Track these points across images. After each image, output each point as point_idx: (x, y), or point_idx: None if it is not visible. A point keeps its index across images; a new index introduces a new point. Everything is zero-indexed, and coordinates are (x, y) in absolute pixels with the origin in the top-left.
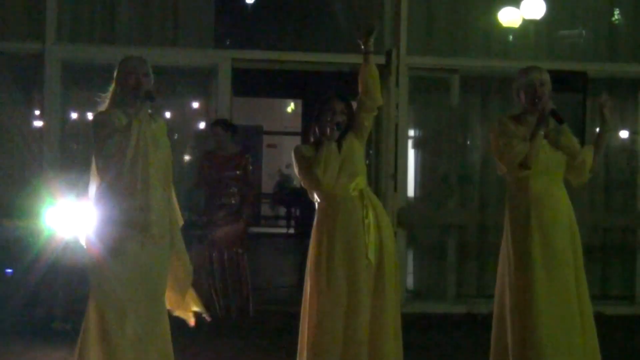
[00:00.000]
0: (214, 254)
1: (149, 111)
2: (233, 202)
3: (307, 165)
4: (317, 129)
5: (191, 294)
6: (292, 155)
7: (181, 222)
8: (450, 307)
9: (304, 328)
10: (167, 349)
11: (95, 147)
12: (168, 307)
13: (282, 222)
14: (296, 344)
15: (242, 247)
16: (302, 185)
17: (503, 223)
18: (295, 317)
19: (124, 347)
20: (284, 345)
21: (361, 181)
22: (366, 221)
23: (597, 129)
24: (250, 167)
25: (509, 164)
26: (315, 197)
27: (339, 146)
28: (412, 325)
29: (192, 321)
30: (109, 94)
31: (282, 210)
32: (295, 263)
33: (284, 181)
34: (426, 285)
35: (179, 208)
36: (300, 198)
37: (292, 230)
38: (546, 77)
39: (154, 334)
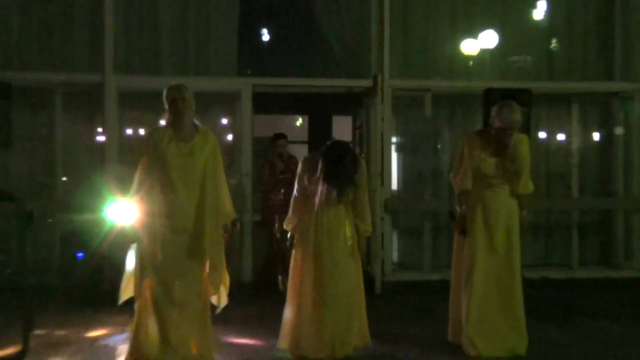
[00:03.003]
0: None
1: (196, 124)
2: (281, 197)
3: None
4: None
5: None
6: (300, 165)
7: (228, 218)
8: (427, 275)
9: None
10: (204, 313)
11: (140, 161)
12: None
13: None
14: None
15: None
16: (299, 183)
17: (448, 213)
18: None
19: (170, 311)
20: None
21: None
22: (348, 231)
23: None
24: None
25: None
26: (312, 200)
27: None
28: (397, 290)
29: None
30: (166, 114)
31: None
32: None
33: None
34: (408, 258)
35: (230, 206)
36: None
37: None
38: (517, 117)
39: (192, 301)
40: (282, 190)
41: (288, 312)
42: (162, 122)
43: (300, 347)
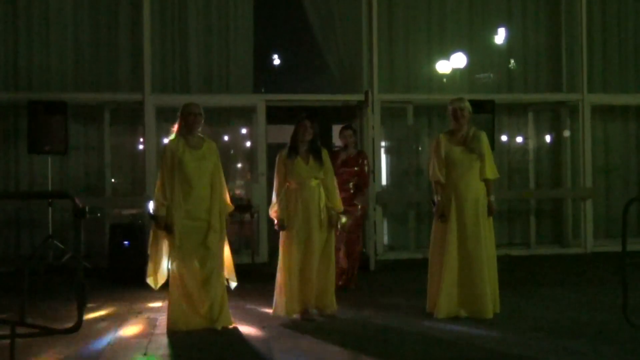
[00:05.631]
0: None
1: (201, 136)
2: (349, 194)
3: (284, 170)
4: (294, 139)
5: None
6: (277, 158)
7: (229, 209)
8: (412, 254)
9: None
10: (222, 287)
11: (161, 167)
12: None
13: None
14: None
15: (359, 232)
16: (278, 173)
17: (430, 201)
18: None
19: (195, 287)
20: None
21: (315, 180)
22: (322, 204)
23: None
24: (366, 166)
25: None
26: (291, 181)
27: (307, 160)
28: (387, 268)
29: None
30: (176, 127)
31: None
32: None
33: None
34: (396, 240)
35: (226, 199)
36: None
37: None
38: (465, 104)
39: (211, 278)
40: (348, 184)
41: (280, 279)
42: (173, 129)
43: (290, 307)
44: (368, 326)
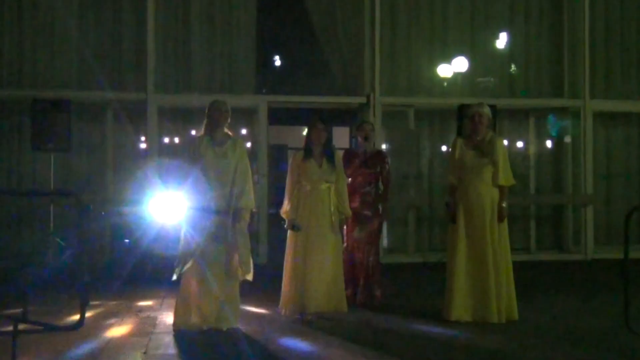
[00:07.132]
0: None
1: (228, 133)
2: (368, 198)
3: (297, 172)
4: (307, 141)
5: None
6: (290, 159)
7: (251, 207)
8: (411, 258)
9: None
10: (234, 289)
11: (187, 162)
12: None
13: None
14: None
15: (372, 252)
16: (291, 175)
17: (444, 203)
18: None
19: (209, 282)
20: None
21: (326, 184)
22: (332, 208)
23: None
24: (387, 166)
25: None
26: (304, 184)
27: (321, 163)
28: (387, 270)
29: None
30: (204, 123)
31: None
32: None
33: None
34: (396, 243)
35: (251, 197)
36: None
37: None
38: (485, 110)
39: (225, 280)
40: (365, 188)
41: (285, 278)
42: (202, 127)
43: (292, 307)
44: (368, 328)
